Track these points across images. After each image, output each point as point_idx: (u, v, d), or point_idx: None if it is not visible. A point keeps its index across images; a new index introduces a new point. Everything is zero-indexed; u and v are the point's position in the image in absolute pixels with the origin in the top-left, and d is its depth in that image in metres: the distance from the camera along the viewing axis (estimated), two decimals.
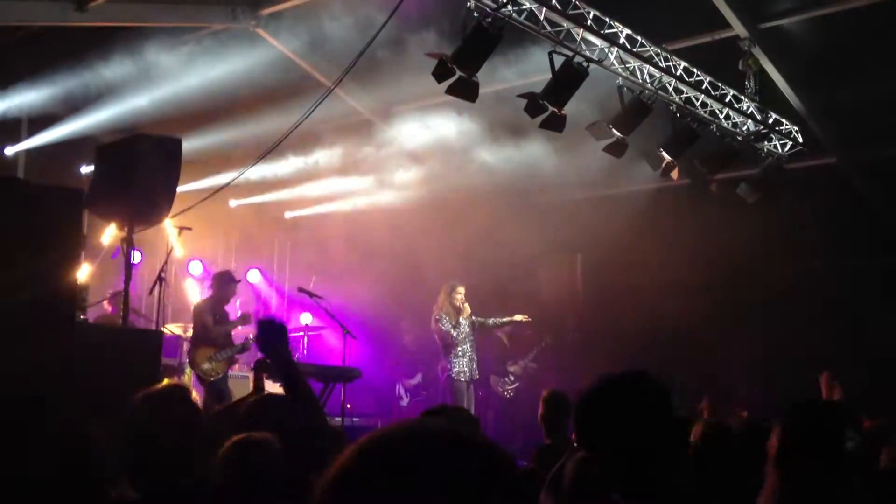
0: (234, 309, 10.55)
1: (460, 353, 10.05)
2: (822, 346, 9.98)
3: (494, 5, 7.33)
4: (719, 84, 9.29)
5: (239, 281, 9.76)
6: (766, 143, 9.91)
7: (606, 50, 8.27)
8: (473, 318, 10.26)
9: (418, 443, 1.01)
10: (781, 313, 10.95)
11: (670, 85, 8.92)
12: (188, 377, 10.12)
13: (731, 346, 10.78)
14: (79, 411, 4.79)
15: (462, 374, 9.98)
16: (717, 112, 9.43)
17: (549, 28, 7.83)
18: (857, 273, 10.97)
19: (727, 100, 9.36)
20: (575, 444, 5.40)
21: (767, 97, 9.65)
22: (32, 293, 4.78)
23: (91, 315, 9.39)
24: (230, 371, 9.51)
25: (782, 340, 10.35)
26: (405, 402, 12.16)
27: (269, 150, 9.05)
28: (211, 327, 9.22)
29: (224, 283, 9.52)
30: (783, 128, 9.95)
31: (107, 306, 9.79)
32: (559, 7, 7.77)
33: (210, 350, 9.14)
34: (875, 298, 10.53)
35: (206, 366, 9.10)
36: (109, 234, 10.39)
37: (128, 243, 7.28)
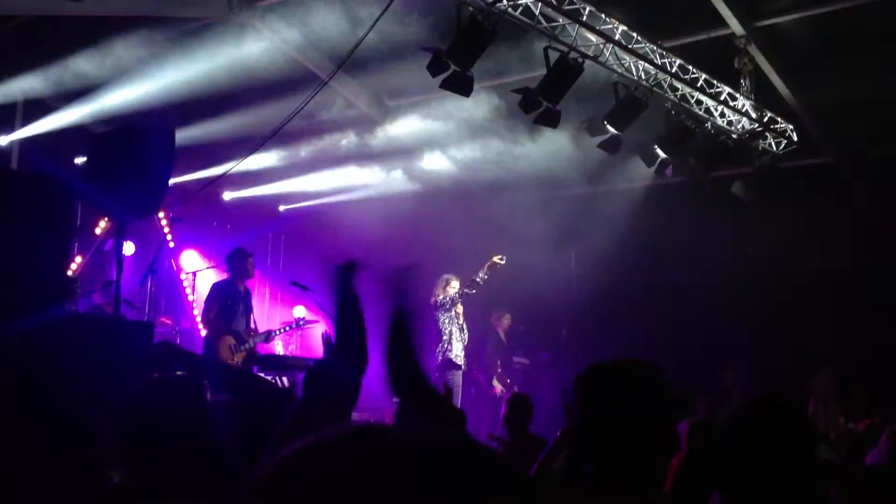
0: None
1: (458, 339, 10.07)
2: (814, 346, 10.01)
3: (489, 0, 7.33)
4: (714, 82, 9.29)
5: (252, 254, 9.46)
6: (760, 141, 9.90)
7: (602, 46, 8.26)
8: (465, 289, 10.18)
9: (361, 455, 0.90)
10: (775, 313, 10.96)
11: (665, 82, 8.92)
12: None
13: (724, 345, 10.79)
14: (71, 401, 4.78)
15: (459, 359, 10.01)
16: (713, 110, 9.42)
17: (544, 23, 7.82)
18: (852, 273, 10.98)
19: (722, 97, 9.36)
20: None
21: (763, 95, 9.65)
22: (21, 283, 4.77)
23: (83, 306, 9.35)
24: None
25: (775, 340, 10.36)
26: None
27: (263, 142, 9.04)
28: (214, 315, 8.96)
29: (236, 261, 9.30)
30: (778, 126, 9.95)
31: (97, 298, 9.71)
32: (555, 2, 7.77)
33: (230, 340, 8.97)
34: (868, 299, 10.55)
35: (224, 355, 8.77)
36: (103, 225, 10.39)
37: (120, 234, 7.27)
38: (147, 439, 2.78)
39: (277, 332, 10.11)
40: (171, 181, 7.50)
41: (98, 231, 10.36)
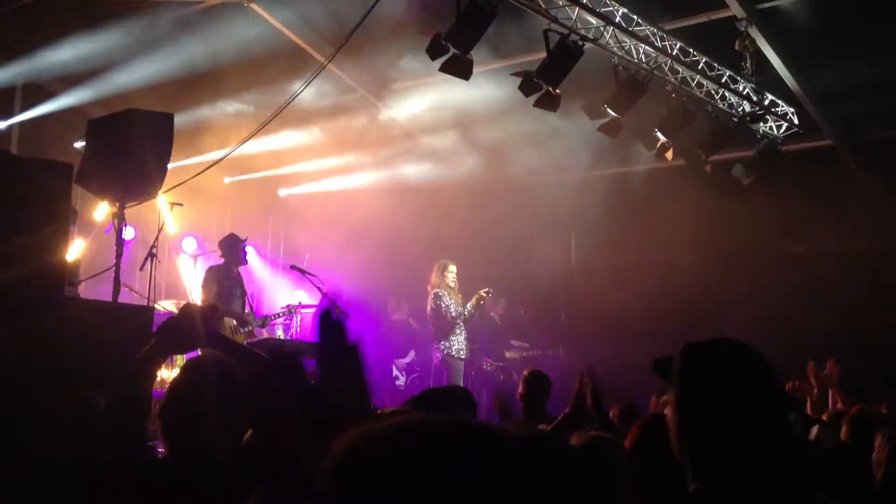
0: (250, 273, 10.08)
1: (458, 332, 10.01)
2: (813, 329, 10.01)
3: None
4: (715, 64, 9.25)
5: (245, 240, 9.62)
6: (761, 124, 9.87)
7: (602, 28, 8.22)
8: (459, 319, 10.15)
9: (418, 437, 0.97)
10: (774, 295, 10.97)
11: (666, 65, 8.88)
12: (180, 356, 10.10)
13: (723, 327, 10.76)
14: (70, 387, 4.79)
15: (462, 353, 9.95)
16: (713, 93, 9.39)
17: (543, 5, 7.77)
18: (851, 256, 10.97)
19: (723, 80, 9.32)
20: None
21: (764, 78, 9.61)
22: (20, 268, 4.77)
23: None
24: None
25: (773, 322, 10.36)
26: (401, 381, 12.16)
27: (262, 126, 9.00)
28: (213, 297, 9.05)
29: (231, 246, 9.41)
30: (779, 109, 9.92)
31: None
32: None
33: (232, 322, 9.06)
34: (868, 282, 10.55)
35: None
36: (103, 209, 10.36)
37: (119, 219, 7.24)
38: (184, 413, 2.81)
39: (276, 316, 10.14)
40: (170, 165, 7.48)
41: (99, 215, 10.33)
